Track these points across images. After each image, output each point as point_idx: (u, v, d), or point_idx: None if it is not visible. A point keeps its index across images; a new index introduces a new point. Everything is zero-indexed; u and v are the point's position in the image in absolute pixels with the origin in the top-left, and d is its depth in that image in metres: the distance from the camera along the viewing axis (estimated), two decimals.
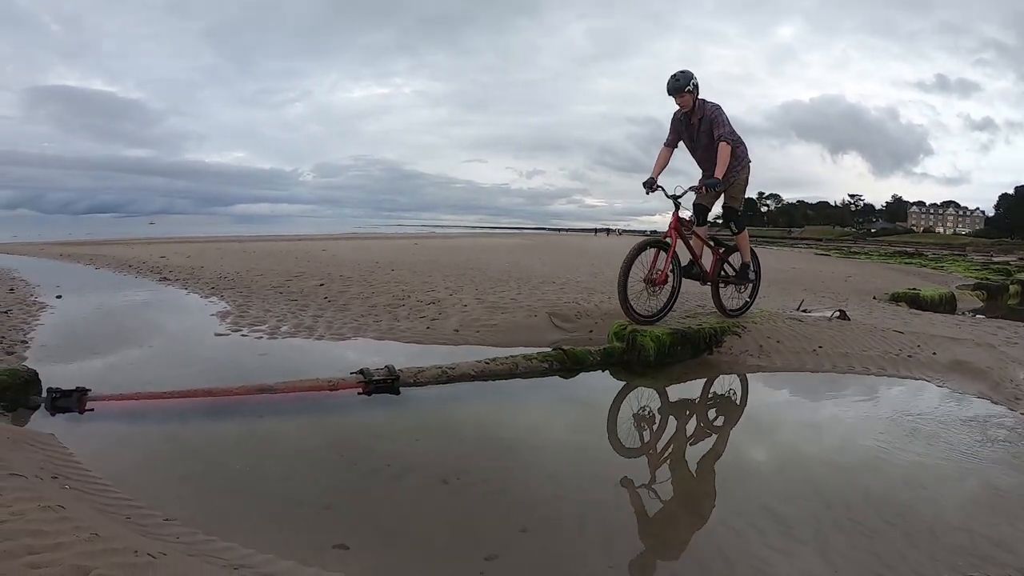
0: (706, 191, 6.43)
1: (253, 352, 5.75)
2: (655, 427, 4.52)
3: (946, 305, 10.87)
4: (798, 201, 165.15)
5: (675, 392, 5.29)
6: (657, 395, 5.19)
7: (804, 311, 8.14)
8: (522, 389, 5.07)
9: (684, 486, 3.47)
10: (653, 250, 6.27)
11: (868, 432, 4.23)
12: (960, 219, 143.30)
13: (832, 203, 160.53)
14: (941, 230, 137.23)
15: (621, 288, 5.99)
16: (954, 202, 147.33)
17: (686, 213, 6.57)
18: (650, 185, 6.42)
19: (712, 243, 6.98)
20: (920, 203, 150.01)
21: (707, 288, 7.10)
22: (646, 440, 4.26)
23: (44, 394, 4.20)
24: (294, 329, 6.84)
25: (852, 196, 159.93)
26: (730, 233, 7.03)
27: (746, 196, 7.08)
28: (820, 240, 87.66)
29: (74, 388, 4.15)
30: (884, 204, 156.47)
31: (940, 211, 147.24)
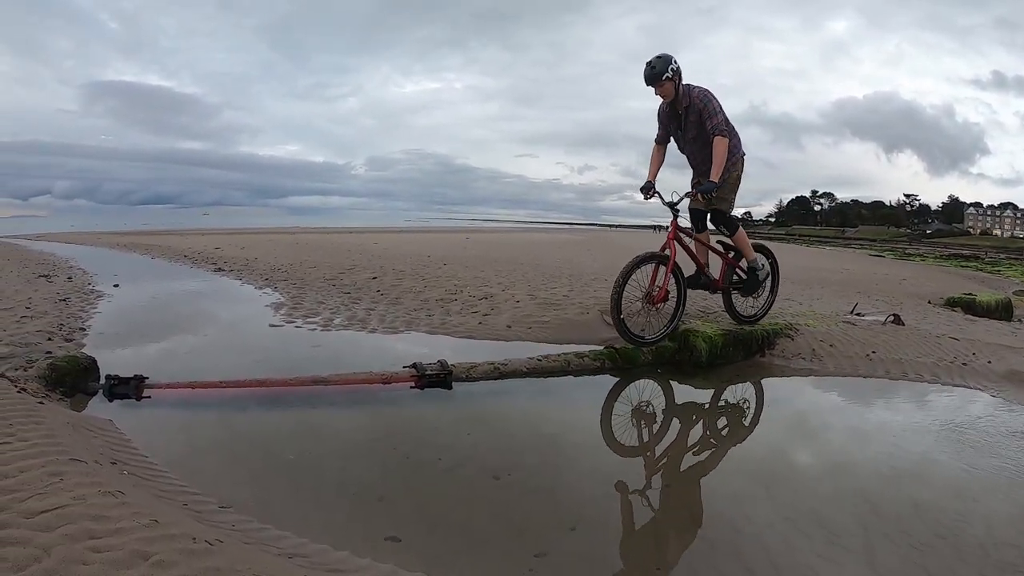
0: (701, 197, 5.96)
1: (306, 344, 5.82)
2: (705, 429, 4.46)
3: (1003, 311, 10.49)
4: (852, 200, 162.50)
5: (726, 394, 5.20)
6: (708, 397, 5.10)
7: (858, 314, 7.95)
8: (573, 387, 5.04)
9: (732, 488, 3.40)
10: (651, 265, 5.80)
11: (919, 441, 4.12)
12: (1018, 222, 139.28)
13: (887, 203, 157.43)
14: (999, 232, 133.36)
15: (614, 308, 5.54)
16: (1012, 204, 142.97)
17: (686, 220, 6.23)
18: (647, 190, 5.96)
19: (720, 248, 6.49)
20: (977, 204, 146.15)
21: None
22: (696, 442, 4.20)
23: (102, 381, 4.31)
24: (347, 322, 6.90)
25: (907, 196, 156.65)
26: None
27: (736, 196, 6.30)
28: (874, 241, 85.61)
29: (132, 376, 4.26)
30: (940, 205, 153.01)
31: (998, 213, 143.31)
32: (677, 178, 5.57)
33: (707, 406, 4.95)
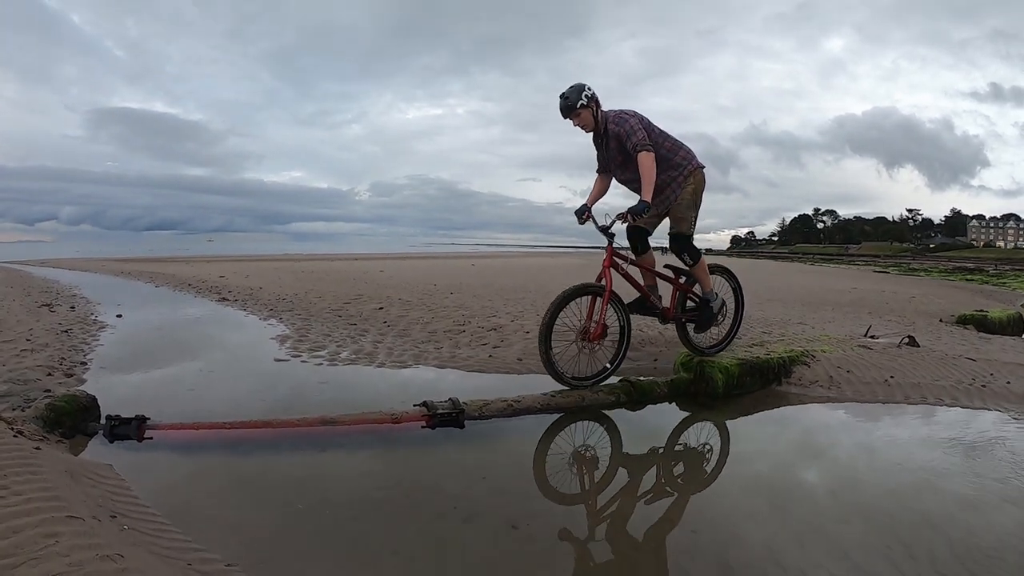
0: (634, 219, 5.38)
1: (313, 380, 5.69)
2: (729, 464, 4.25)
3: (1014, 326, 10.46)
4: (855, 217, 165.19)
5: (746, 426, 5.03)
6: (728, 429, 4.94)
7: (872, 337, 7.83)
8: (588, 423, 4.91)
9: (764, 532, 3.21)
10: (587, 297, 5.40)
11: (949, 473, 3.95)
12: (1021, 233, 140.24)
13: (890, 218, 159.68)
14: (1002, 244, 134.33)
15: (542, 347, 5.16)
16: (1015, 215, 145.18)
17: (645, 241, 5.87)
18: (581, 214, 5.63)
19: (670, 272, 5.99)
20: (979, 216, 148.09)
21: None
22: (721, 479, 4.00)
23: (103, 421, 4.18)
24: (354, 355, 6.78)
25: (910, 211, 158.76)
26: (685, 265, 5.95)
27: (697, 215, 5.81)
28: (878, 257, 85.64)
29: (133, 416, 4.13)
30: (943, 218, 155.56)
31: (1000, 224, 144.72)
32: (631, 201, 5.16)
33: (728, 440, 4.77)
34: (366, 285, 14.29)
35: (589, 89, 5.37)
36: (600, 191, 5.93)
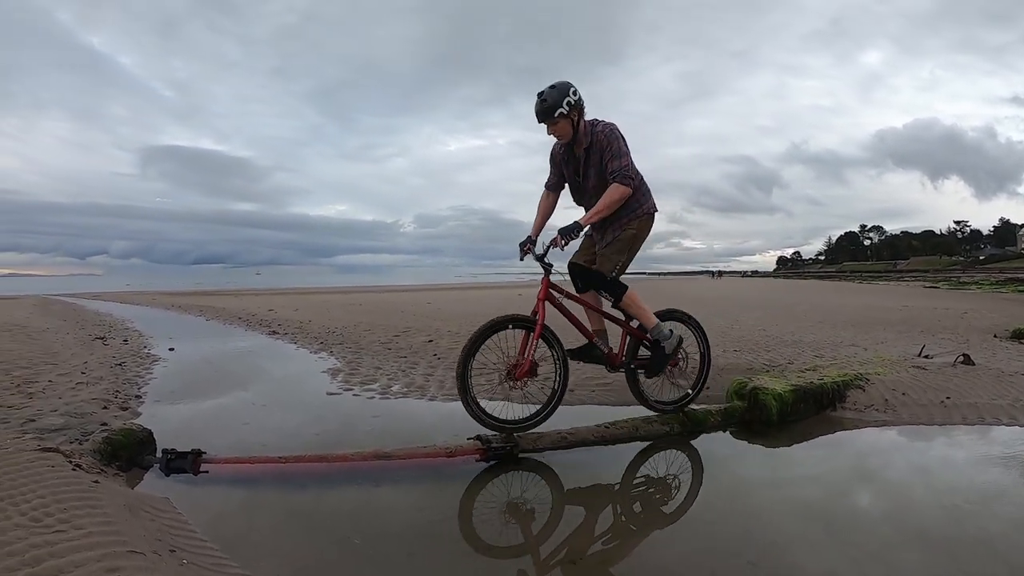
0: (564, 242, 4.71)
1: (366, 413, 5.71)
2: (785, 491, 4.11)
3: None
4: (902, 232, 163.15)
5: (802, 453, 4.91)
6: (785, 458, 4.83)
7: (926, 357, 7.66)
8: (642, 454, 4.83)
9: (824, 561, 3.09)
10: (520, 331, 4.85)
11: (1009, 496, 3.82)
12: None
13: (937, 231, 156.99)
14: None
15: (459, 387, 4.66)
16: None
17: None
18: (523, 247, 4.95)
19: (619, 314, 5.27)
20: None
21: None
22: (778, 507, 3.86)
23: (159, 454, 4.23)
24: (406, 388, 6.79)
25: (958, 223, 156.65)
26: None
27: (628, 260, 5.09)
28: (927, 272, 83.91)
29: (189, 450, 4.18)
30: (991, 229, 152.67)
31: None
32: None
33: (786, 469, 4.62)
34: (414, 317, 14.36)
35: (575, 93, 4.70)
36: (547, 213, 5.29)
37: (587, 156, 4.88)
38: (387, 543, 3.26)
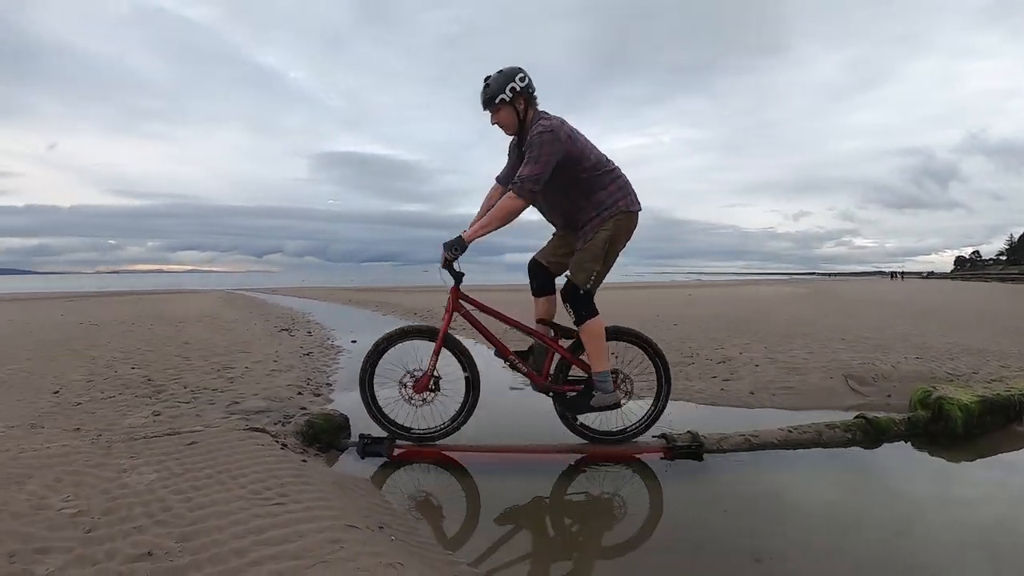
0: (450, 257, 4.29)
1: (547, 408, 5.78)
2: (957, 518, 3.82)
3: None
4: None
5: (983, 473, 4.55)
6: (963, 474, 4.51)
7: None
8: (824, 460, 4.62)
9: None
10: (425, 342, 4.69)
11: None
12: None
13: None
14: None
15: (363, 396, 4.53)
16: None
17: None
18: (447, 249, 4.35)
19: (544, 328, 4.81)
20: None
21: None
22: (942, 532, 3.60)
23: (355, 439, 4.47)
24: None
25: None
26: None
27: (606, 268, 4.53)
28: None
29: (384, 436, 4.40)
30: None
31: None
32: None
33: (977, 486, 4.29)
34: None
35: (523, 79, 4.28)
36: (488, 209, 4.60)
37: (520, 153, 4.39)
38: (591, 537, 3.31)
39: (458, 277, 4.51)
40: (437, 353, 4.58)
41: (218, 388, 6.09)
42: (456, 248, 4.22)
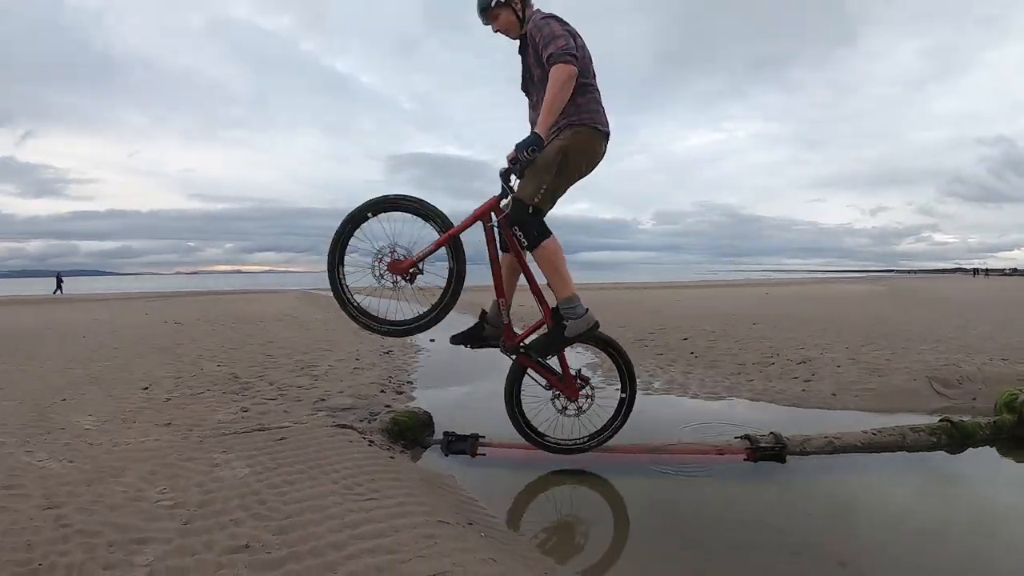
0: (517, 158, 3.77)
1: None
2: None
3: None
4: None
5: None
6: None
7: None
8: (908, 464, 4.51)
9: None
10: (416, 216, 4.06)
11: None
12: None
13: None
14: None
15: (330, 264, 4.08)
16: None
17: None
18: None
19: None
20: None
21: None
22: (1009, 545, 3.47)
23: (439, 436, 4.54)
24: (667, 385, 6.82)
25: None
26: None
27: (556, 185, 4.02)
28: None
29: (469, 434, 4.46)
30: None
31: None
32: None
33: None
34: (666, 316, 14.30)
35: None
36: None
37: (525, 55, 4.15)
38: (666, 535, 3.30)
39: (507, 192, 3.95)
40: (440, 244, 3.99)
41: (303, 385, 6.25)
42: (534, 147, 3.71)
